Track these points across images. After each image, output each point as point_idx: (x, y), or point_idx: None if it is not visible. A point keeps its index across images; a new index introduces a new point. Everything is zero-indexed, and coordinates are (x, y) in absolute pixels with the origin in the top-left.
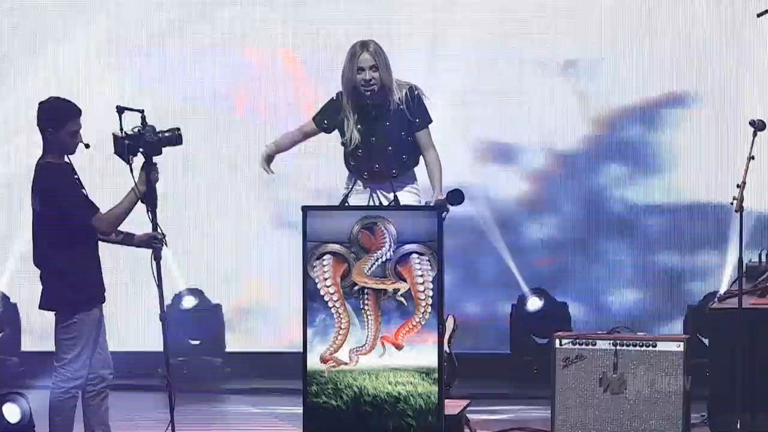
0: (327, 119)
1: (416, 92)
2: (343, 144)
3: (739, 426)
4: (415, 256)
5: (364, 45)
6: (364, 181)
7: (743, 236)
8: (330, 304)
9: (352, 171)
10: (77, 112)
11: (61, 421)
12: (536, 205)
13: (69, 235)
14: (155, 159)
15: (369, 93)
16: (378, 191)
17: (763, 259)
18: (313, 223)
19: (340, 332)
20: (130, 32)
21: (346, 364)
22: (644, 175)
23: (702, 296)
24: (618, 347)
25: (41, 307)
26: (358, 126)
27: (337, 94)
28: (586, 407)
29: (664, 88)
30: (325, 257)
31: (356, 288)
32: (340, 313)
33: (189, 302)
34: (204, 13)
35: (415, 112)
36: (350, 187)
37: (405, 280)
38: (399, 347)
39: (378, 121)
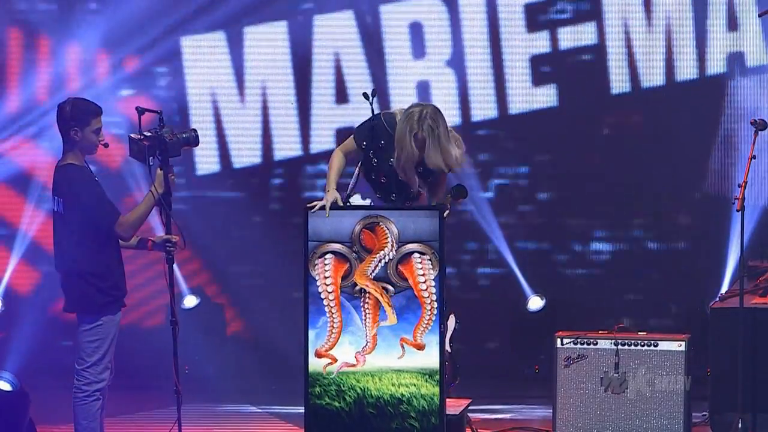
0: (366, 141)
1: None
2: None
3: (740, 425)
4: (416, 255)
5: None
6: (374, 197)
7: (744, 235)
8: (325, 303)
9: (368, 181)
10: (99, 110)
11: (87, 424)
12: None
13: (95, 238)
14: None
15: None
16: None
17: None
18: (315, 223)
19: (333, 332)
20: None
21: (353, 365)
22: (646, 173)
23: (703, 295)
24: (619, 347)
25: (66, 310)
26: (380, 174)
27: (378, 116)
28: (588, 407)
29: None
30: (326, 256)
31: (357, 288)
32: (333, 313)
33: (191, 302)
34: None
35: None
36: (352, 187)
37: (406, 279)
38: (420, 347)
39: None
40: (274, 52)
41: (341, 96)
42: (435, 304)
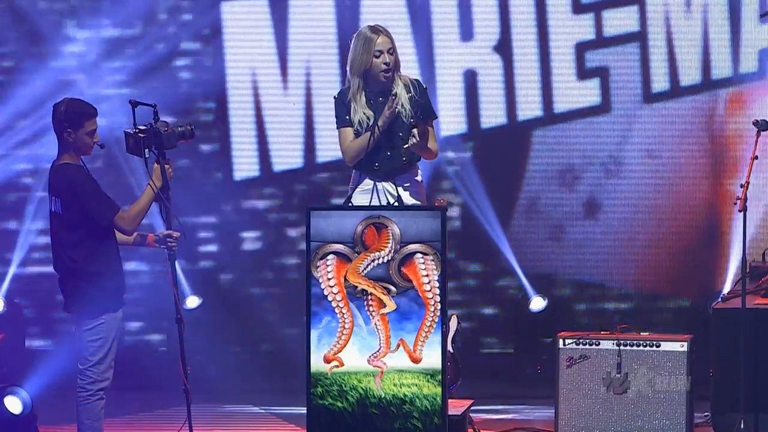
0: (347, 115)
1: (425, 86)
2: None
3: (742, 426)
4: (419, 255)
5: (376, 30)
6: (374, 173)
7: (746, 236)
8: (334, 304)
9: (360, 164)
10: (94, 112)
11: (91, 424)
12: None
13: (93, 236)
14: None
15: (386, 78)
16: (384, 189)
17: (767, 258)
18: (317, 223)
19: (344, 332)
20: None
21: (380, 372)
22: (648, 174)
23: (705, 296)
24: (622, 347)
25: (66, 309)
26: (367, 109)
27: (339, 92)
28: (590, 407)
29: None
30: (328, 257)
31: (359, 288)
32: (344, 314)
33: (192, 302)
34: None
35: (425, 103)
36: (355, 184)
37: (410, 281)
38: (417, 361)
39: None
40: (319, 27)
41: None
42: (439, 307)
